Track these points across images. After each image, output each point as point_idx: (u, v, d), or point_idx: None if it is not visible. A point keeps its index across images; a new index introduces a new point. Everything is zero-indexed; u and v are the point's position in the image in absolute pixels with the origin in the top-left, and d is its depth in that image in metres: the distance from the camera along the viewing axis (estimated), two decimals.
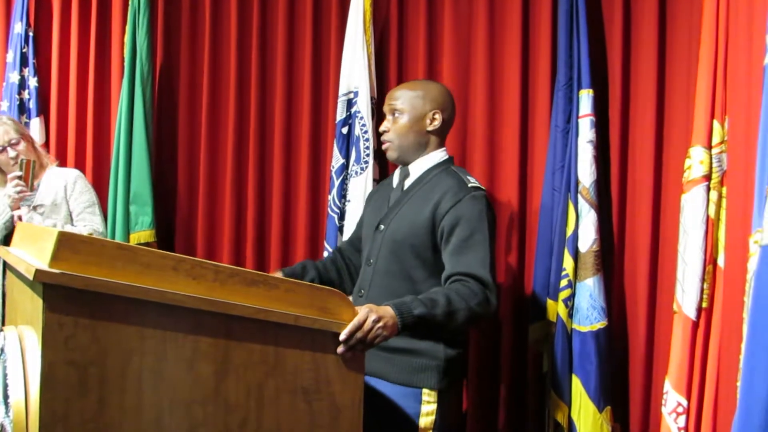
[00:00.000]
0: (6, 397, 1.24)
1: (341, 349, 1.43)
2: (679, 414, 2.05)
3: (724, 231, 1.99)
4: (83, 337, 1.21)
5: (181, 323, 1.29)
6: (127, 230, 2.90)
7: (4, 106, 3.10)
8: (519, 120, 2.62)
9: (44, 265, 1.19)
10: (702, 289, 2.05)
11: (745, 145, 1.81)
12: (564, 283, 2.39)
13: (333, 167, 2.77)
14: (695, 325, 2.05)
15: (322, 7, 2.92)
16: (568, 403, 2.37)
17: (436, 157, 1.95)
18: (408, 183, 1.95)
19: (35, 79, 3.12)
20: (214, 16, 3.02)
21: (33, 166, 2.58)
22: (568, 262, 2.38)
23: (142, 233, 2.91)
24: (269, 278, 1.38)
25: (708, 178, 2.06)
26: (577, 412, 2.34)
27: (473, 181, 1.88)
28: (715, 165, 2.05)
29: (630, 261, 2.48)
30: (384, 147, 1.98)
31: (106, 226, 2.87)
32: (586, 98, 2.41)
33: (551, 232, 2.47)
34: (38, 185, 2.71)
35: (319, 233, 2.88)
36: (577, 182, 2.40)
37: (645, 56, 2.45)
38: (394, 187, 2.00)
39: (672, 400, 2.07)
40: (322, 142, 2.93)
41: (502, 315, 2.61)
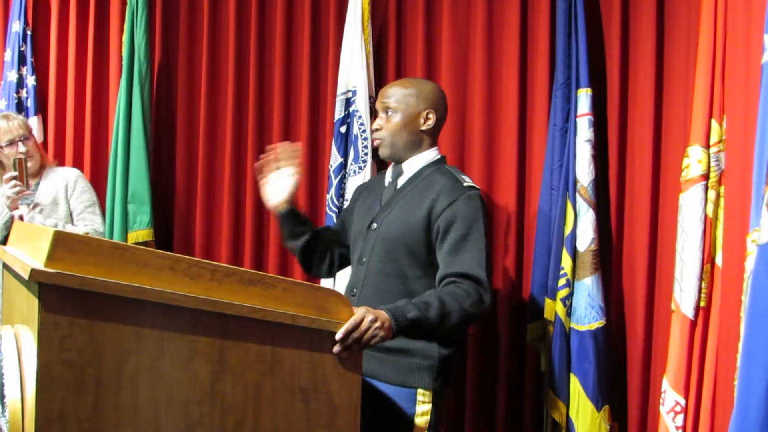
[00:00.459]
0: (2, 397, 1.23)
1: (337, 349, 1.43)
2: (677, 413, 2.05)
3: (722, 230, 1.99)
4: (79, 337, 1.20)
5: (178, 323, 1.29)
6: (125, 229, 2.90)
7: (2, 104, 3.10)
8: (517, 119, 2.62)
9: (40, 265, 1.19)
10: (700, 288, 2.05)
11: (743, 144, 1.80)
12: (562, 282, 2.39)
13: (331, 166, 2.77)
14: (693, 324, 2.05)
15: (321, 5, 2.92)
16: (566, 402, 2.37)
17: (429, 156, 1.94)
18: (401, 181, 1.94)
19: (33, 77, 3.12)
20: (213, 15, 3.01)
21: (26, 163, 2.58)
22: (567, 262, 2.38)
23: (140, 232, 2.91)
24: (266, 278, 1.38)
25: (706, 177, 2.06)
26: (575, 411, 2.35)
27: (468, 180, 1.87)
28: (713, 164, 2.05)
29: (628, 260, 2.48)
30: (375, 144, 1.96)
31: (105, 223, 2.87)
32: (585, 97, 2.41)
33: (549, 231, 2.47)
34: (38, 184, 2.72)
35: None
36: (576, 181, 2.40)
37: (643, 55, 2.45)
38: (387, 185, 1.98)
39: (670, 399, 2.07)
40: (320, 141, 2.93)
41: (500, 314, 2.62)
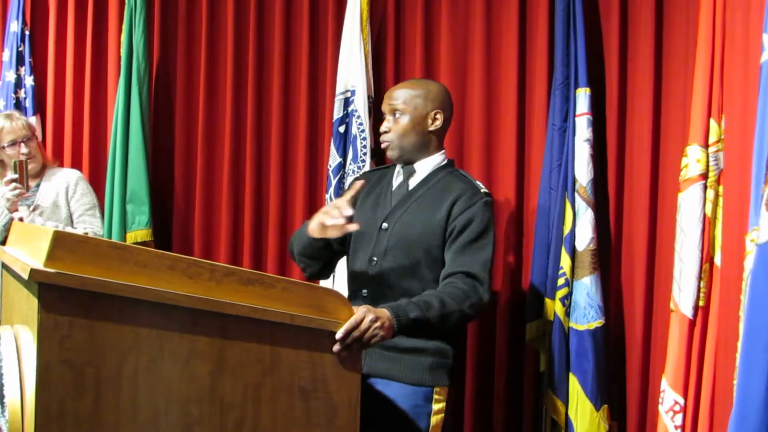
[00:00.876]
0: (2, 397, 1.23)
1: (337, 348, 1.42)
2: (676, 412, 2.05)
3: (721, 229, 1.99)
4: (79, 337, 1.20)
5: (177, 322, 1.29)
6: (124, 229, 2.89)
7: (0, 104, 3.09)
8: (516, 119, 2.62)
9: (39, 265, 1.19)
10: (699, 288, 2.05)
11: (742, 143, 1.81)
12: (561, 281, 2.39)
13: (330, 166, 2.77)
14: (692, 324, 2.05)
15: (319, 5, 2.92)
16: (565, 401, 2.37)
17: (439, 159, 1.95)
18: (413, 183, 1.93)
19: (31, 78, 3.11)
20: (211, 14, 3.01)
21: (26, 165, 2.58)
22: (566, 261, 2.39)
23: (139, 232, 2.90)
24: (265, 277, 1.38)
25: (705, 176, 2.06)
26: (574, 411, 2.35)
27: (483, 187, 1.91)
28: (711, 163, 2.05)
29: (627, 259, 2.48)
30: (384, 146, 1.95)
31: (104, 225, 2.87)
32: (583, 97, 2.41)
33: (548, 230, 2.47)
34: (39, 185, 2.71)
35: None
36: (574, 181, 2.40)
37: (642, 55, 2.45)
38: (396, 185, 1.96)
39: (669, 399, 2.07)
40: (319, 141, 2.93)
41: (499, 313, 2.62)
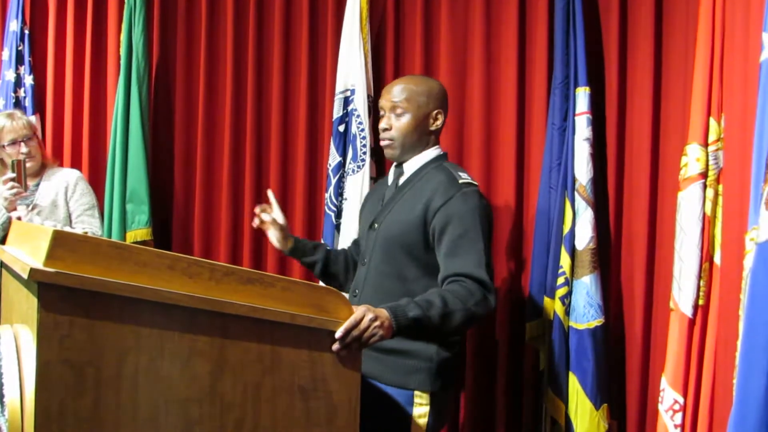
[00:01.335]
0: (1, 397, 1.23)
1: (336, 347, 1.42)
2: (676, 411, 2.05)
3: (721, 228, 1.99)
4: (79, 336, 1.20)
5: (177, 322, 1.29)
6: (124, 228, 2.89)
7: (0, 104, 3.09)
8: (516, 118, 2.62)
9: (39, 264, 1.19)
10: (698, 287, 2.04)
11: (742, 142, 1.80)
12: (561, 280, 2.39)
13: (330, 165, 2.77)
14: (692, 323, 2.05)
15: (319, 4, 2.92)
16: (565, 400, 2.37)
17: (431, 154, 1.93)
18: (402, 180, 1.94)
19: (31, 77, 3.11)
20: (210, 13, 3.01)
21: (25, 165, 2.58)
22: (565, 260, 2.39)
23: (139, 231, 2.90)
24: (265, 277, 1.38)
25: (704, 175, 2.05)
26: (574, 410, 2.35)
27: (465, 177, 1.82)
28: (711, 162, 2.05)
29: (627, 258, 2.48)
30: (384, 144, 1.93)
31: (103, 225, 2.87)
32: (583, 96, 2.41)
33: (548, 230, 2.47)
34: (38, 185, 2.71)
35: (316, 231, 2.88)
36: (574, 180, 2.40)
37: (641, 54, 2.44)
38: (389, 184, 1.99)
39: (668, 398, 2.07)
40: (318, 140, 2.93)
41: (499, 313, 2.61)
